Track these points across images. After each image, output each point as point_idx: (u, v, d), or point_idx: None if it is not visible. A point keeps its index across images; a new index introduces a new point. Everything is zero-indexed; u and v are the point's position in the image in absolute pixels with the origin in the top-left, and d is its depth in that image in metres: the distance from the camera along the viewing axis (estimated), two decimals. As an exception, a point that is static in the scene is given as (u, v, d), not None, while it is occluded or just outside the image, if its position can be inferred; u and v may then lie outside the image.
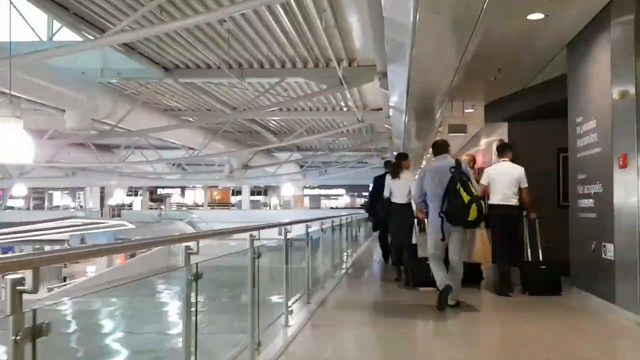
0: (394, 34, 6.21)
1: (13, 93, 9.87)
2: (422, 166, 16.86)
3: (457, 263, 5.68)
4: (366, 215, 13.45)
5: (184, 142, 16.28)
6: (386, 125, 15.19)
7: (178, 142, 16.59)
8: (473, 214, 5.25)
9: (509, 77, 7.79)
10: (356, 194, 45.11)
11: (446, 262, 5.74)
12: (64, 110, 10.26)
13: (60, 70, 10.21)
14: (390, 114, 11.70)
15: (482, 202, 5.39)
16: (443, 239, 5.58)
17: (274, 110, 13.85)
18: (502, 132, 9.70)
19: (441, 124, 10.54)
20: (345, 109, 14.70)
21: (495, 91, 8.74)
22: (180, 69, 10.67)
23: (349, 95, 12.56)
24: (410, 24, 5.23)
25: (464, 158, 11.04)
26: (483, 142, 11.35)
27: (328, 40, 8.75)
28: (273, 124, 17.75)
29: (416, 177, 6.35)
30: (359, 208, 33.90)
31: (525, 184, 6.49)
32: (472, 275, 6.53)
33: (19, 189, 22.54)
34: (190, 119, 14.43)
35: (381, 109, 14.27)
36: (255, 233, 3.60)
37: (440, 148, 5.99)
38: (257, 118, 15.98)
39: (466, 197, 5.26)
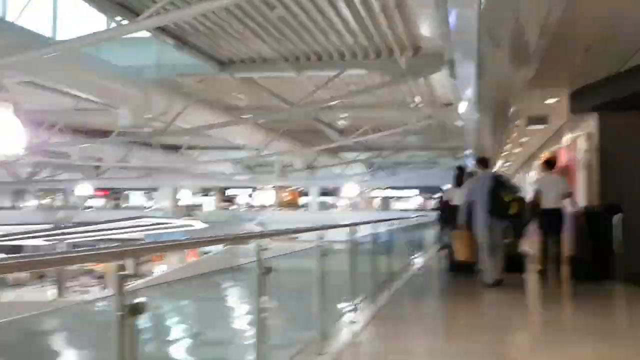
0: (460, 13, 5.37)
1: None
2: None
3: (499, 248, 7.48)
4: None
5: (245, 141, 15.95)
6: (458, 122, 14.10)
7: (240, 141, 16.29)
8: (514, 209, 7.28)
9: (600, 58, 6.62)
10: (428, 195, 43.41)
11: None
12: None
13: (116, 67, 10.08)
14: (462, 109, 10.68)
15: (522, 201, 7.59)
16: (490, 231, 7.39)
17: (335, 104, 13.18)
18: (590, 124, 8.45)
19: (518, 117, 9.41)
20: (412, 104, 13.76)
21: (582, 76, 7.53)
22: (236, 63, 10.24)
23: (415, 89, 11.67)
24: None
25: (544, 156, 9.85)
26: (567, 136, 10.08)
27: (389, 25, 7.99)
28: (338, 122, 17.09)
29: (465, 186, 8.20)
30: (432, 210, 32.43)
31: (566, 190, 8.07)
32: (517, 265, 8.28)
33: (84, 189, 23.24)
34: (247, 117, 13.98)
35: (452, 104, 13.23)
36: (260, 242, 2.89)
37: (484, 163, 8.10)
38: (321, 116, 15.36)
39: (508, 197, 7.33)
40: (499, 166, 19.67)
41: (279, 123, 16.38)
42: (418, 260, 10.51)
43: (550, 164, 8.47)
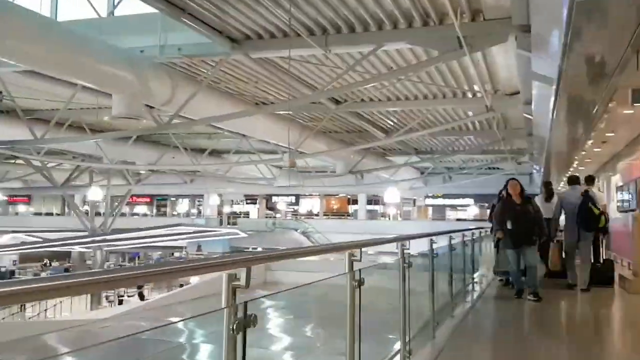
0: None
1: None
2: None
3: (586, 258, 7.97)
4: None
5: (277, 140, 14.17)
6: (525, 115, 11.78)
7: (273, 140, 14.54)
8: (602, 222, 7.90)
9: None
10: (486, 204, 40.25)
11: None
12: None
13: (113, 49, 8.53)
14: (533, 93, 8.47)
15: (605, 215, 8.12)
16: (579, 240, 7.86)
17: (375, 94, 11.15)
18: None
19: (613, 96, 7.06)
20: (469, 94, 11.58)
21: None
22: (251, 40, 8.46)
23: (473, 72, 9.53)
24: None
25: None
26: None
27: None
28: (382, 119, 15.03)
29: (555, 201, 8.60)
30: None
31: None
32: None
33: (94, 193, 22.23)
34: (266, 105, 12.08)
35: (518, 93, 10.97)
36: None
37: (573, 180, 8.56)
38: (359, 109, 13.36)
39: (597, 211, 7.81)
40: (571, 170, 16.95)
41: (315, 120, 14.56)
42: (481, 279, 8.33)
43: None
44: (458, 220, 32.56)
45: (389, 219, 37.21)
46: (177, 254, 35.96)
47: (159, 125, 9.44)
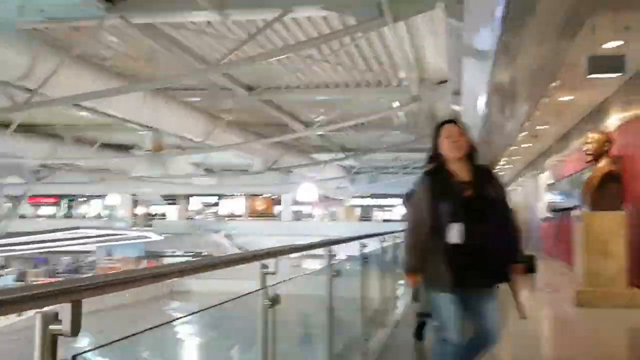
0: None
1: None
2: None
3: None
4: None
5: (183, 131, 12.47)
6: (453, 107, 10.83)
7: (178, 132, 12.81)
8: None
9: None
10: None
11: None
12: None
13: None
14: (464, 73, 7.39)
15: None
16: None
17: (284, 71, 9.77)
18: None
19: (557, 74, 6.05)
20: (394, 82, 10.49)
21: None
22: None
23: (397, 54, 8.39)
24: None
25: (592, 137, 6.64)
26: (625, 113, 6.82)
27: None
28: (304, 113, 13.70)
29: None
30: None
31: None
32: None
33: None
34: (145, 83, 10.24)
35: (446, 82, 9.99)
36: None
37: None
38: (276, 100, 11.98)
39: None
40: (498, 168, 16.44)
41: (224, 111, 13.00)
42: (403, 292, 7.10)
43: None
44: (385, 221, 31.89)
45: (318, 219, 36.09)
46: (91, 259, 33.17)
47: (15, 105, 7.63)
